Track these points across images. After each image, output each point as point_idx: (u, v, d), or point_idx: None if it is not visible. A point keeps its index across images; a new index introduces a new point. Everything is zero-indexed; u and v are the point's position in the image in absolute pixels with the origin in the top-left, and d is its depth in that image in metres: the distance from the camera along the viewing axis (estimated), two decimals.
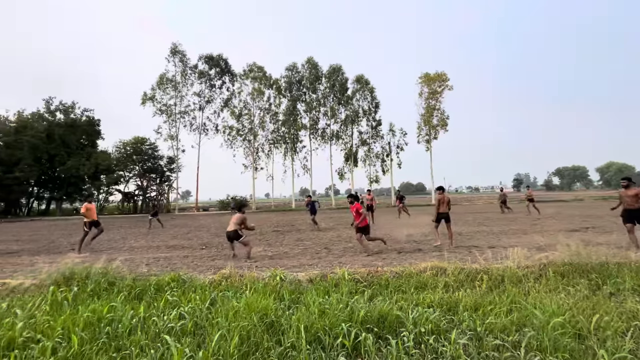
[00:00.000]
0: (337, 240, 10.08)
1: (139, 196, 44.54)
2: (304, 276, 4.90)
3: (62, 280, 4.60)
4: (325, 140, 40.67)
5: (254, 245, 8.49)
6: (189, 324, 3.14)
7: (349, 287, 4.26)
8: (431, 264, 4.99)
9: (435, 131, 39.09)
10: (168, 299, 3.77)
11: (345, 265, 5.76)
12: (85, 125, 41.76)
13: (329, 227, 14.10)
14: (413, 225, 13.59)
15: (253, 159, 39.69)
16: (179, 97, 38.52)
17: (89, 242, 9.82)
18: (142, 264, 7.01)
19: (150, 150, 43.91)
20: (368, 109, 40.71)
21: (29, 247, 10.69)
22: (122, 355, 2.63)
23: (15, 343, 2.77)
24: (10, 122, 39.15)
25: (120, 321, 3.16)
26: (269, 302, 3.58)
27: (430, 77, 38.71)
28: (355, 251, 8.05)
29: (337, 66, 40.25)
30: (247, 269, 5.67)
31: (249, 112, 39.62)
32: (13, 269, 6.97)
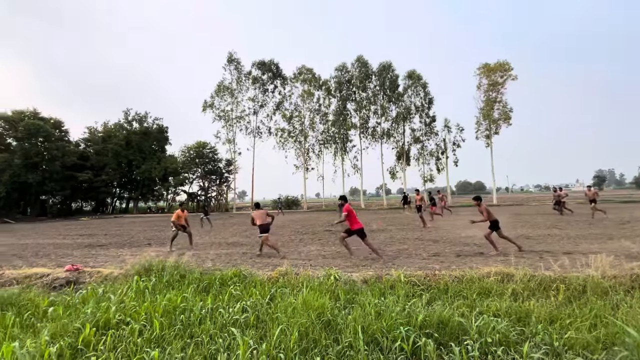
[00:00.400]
0: (389, 242, 9.86)
1: (201, 196, 48.33)
2: (358, 277, 4.89)
3: (142, 271, 5.20)
4: (375, 139, 39.95)
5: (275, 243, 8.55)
6: (251, 317, 3.34)
7: (406, 290, 4.15)
8: (496, 269, 4.64)
9: (496, 125, 36.07)
10: (232, 293, 4.05)
11: (400, 267, 5.63)
12: (156, 133, 46.54)
13: (381, 229, 13.85)
14: (472, 227, 12.72)
15: (304, 159, 40.57)
16: (235, 103, 40.96)
17: (190, 247, 9.75)
18: (207, 259, 7.60)
19: (210, 153, 47.40)
20: (421, 105, 39.03)
21: (115, 241, 12.25)
22: (195, 342, 2.90)
23: (110, 323, 3.21)
24: (98, 132, 45.32)
25: (192, 311, 3.48)
26: (325, 301, 3.65)
27: (490, 68, 35.76)
28: (409, 253, 7.81)
29: (387, 63, 39.27)
30: (302, 267, 5.83)
31: (300, 114, 40.59)
32: (104, 260, 8.05)
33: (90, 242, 12.03)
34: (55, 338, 2.87)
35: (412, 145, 39.77)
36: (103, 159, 41.35)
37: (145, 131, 45.30)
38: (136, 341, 2.87)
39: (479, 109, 37.01)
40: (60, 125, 40.20)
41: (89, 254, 9.14)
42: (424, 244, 9.09)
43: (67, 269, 6.03)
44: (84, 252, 9.67)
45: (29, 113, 37.75)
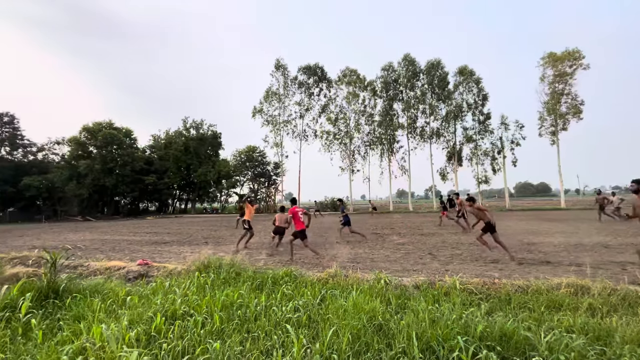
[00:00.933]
0: (442, 246, 9.41)
1: (251, 197, 50.65)
2: (410, 281, 4.74)
3: (202, 267, 5.59)
4: (424, 139, 38.47)
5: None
6: (303, 317, 3.41)
7: (462, 298, 3.93)
8: (568, 280, 4.19)
9: (564, 121, 32.58)
10: (284, 292, 4.18)
11: (454, 273, 5.35)
12: (210, 138, 49.89)
13: (431, 232, 13.28)
14: (536, 233, 11.62)
15: (349, 161, 40.48)
16: (282, 107, 42.34)
17: (245, 247, 10.04)
18: (259, 258, 7.94)
19: (259, 157, 49.56)
20: (474, 102, 36.73)
21: (176, 239, 13.36)
22: (252, 337, 3.05)
23: (177, 314, 3.50)
24: (161, 139, 49.90)
25: (248, 307, 3.66)
26: (376, 305, 3.60)
27: (557, 57, 32.37)
28: (464, 259, 7.37)
29: (435, 61, 37.68)
30: (350, 270, 5.82)
31: (345, 116, 40.61)
32: (168, 256, 8.82)
33: (155, 240, 13.26)
34: (133, 324, 3.22)
35: (465, 144, 37.58)
36: (165, 164, 45.43)
37: (201, 137, 48.78)
38: (199, 332, 3.10)
39: (543, 103, 33.78)
40: (130, 134, 44.99)
41: (155, 250, 10.08)
42: (479, 250, 8.52)
43: (138, 263, 6.72)
44: (151, 248, 10.69)
45: (106, 124, 42.85)
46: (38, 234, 17.68)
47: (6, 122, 39.84)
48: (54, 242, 12.96)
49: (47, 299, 4.03)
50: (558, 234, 11.22)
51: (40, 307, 3.85)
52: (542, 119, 33.82)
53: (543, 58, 33.56)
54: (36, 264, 7.29)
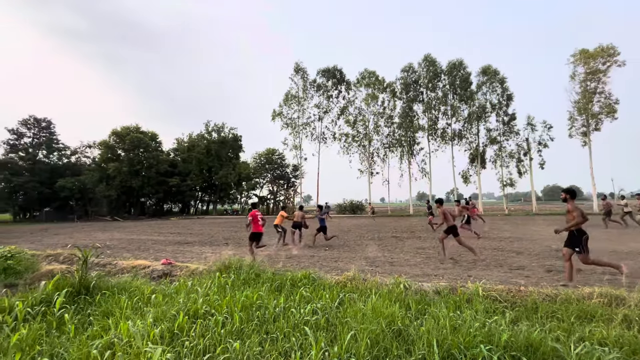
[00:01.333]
0: (464, 251, 9.14)
1: (271, 199, 51.24)
2: (430, 287, 4.64)
3: (223, 268, 5.71)
4: (445, 141, 37.62)
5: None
6: (321, 320, 3.42)
7: (485, 305, 3.81)
8: (600, 290, 3.96)
9: (596, 121, 30.94)
10: (303, 294, 4.20)
11: (477, 279, 5.19)
12: (231, 141, 50.97)
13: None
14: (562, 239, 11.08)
15: (368, 163, 40.18)
16: (301, 110, 42.68)
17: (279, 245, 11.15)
18: (278, 260, 8.01)
19: (279, 159, 50.11)
20: (498, 103, 35.55)
21: (198, 240, 13.72)
22: (271, 338, 3.08)
23: (199, 313, 3.60)
24: (184, 142, 51.49)
25: (267, 308, 3.70)
26: (395, 310, 3.55)
27: (589, 54, 30.82)
28: (487, 264, 7.14)
29: (457, 61, 36.80)
30: (369, 273, 5.76)
31: (364, 118, 40.39)
32: (190, 256, 9.08)
33: (178, 240, 13.67)
34: (157, 321, 3.33)
35: (488, 146, 36.42)
36: (188, 166, 46.82)
37: (223, 140, 49.92)
38: (219, 332, 3.16)
39: (573, 102, 32.22)
40: (155, 138, 46.73)
41: (178, 250, 10.39)
42: (504, 255, 8.23)
43: (162, 263, 6.96)
44: (174, 248, 11.03)
45: (133, 128, 44.72)
46: (71, 233, 18.66)
47: (44, 127, 42.41)
48: (85, 241, 13.63)
49: (79, 295, 4.25)
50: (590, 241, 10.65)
51: (72, 303, 4.06)
52: (573, 119, 32.28)
53: (574, 55, 32.05)
54: (69, 261, 7.71)
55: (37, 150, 41.89)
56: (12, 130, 40.41)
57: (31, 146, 41.56)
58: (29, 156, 40.68)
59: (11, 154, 39.96)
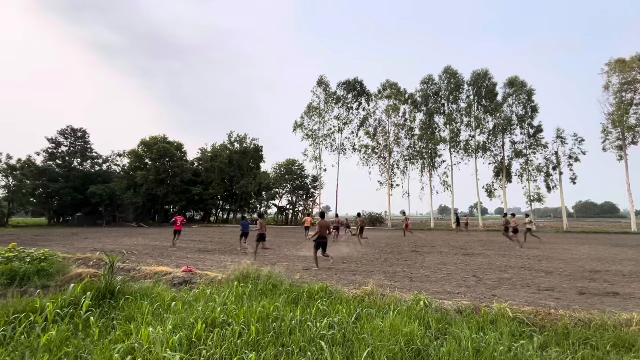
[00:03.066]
0: (488, 269, 8.78)
1: (290, 210, 51.51)
2: (452, 305, 4.47)
3: (241, 277, 5.76)
4: (469, 154, 36.69)
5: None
6: (337, 335, 3.36)
7: (511, 328, 3.62)
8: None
9: (633, 134, 29.27)
10: (319, 308, 4.16)
11: (502, 299, 4.95)
12: (253, 152, 52.03)
13: (477, 252, 12.46)
14: (600, 260, 10.41)
15: (388, 176, 39.73)
16: (322, 122, 43.09)
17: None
18: (296, 271, 7.99)
19: (298, 170, 50.52)
20: (524, 115, 34.44)
21: (218, 248, 13.95)
22: (286, 351, 3.06)
23: (216, 322, 3.63)
24: (207, 152, 53.08)
25: (284, 321, 3.69)
26: (414, 328, 3.44)
27: (625, 63, 29.39)
28: (514, 284, 6.80)
29: (482, 71, 36.13)
30: (388, 289, 5.63)
31: (384, 130, 40.19)
32: (210, 264, 9.23)
33: (200, 248, 13.96)
34: (176, 329, 3.39)
35: (514, 159, 35.17)
36: (211, 176, 48.09)
37: (244, 151, 51.06)
38: (236, 342, 3.18)
39: (607, 114, 30.71)
40: (181, 148, 48.48)
41: (199, 258, 10.60)
42: (532, 275, 7.82)
43: (183, 270, 7.11)
44: (195, 256, 11.26)
45: (160, 138, 46.65)
46: (99, 238, 19.50)
47: (79, 136, 45.08)
48: (112, 246, 14.18)
49: (104, 299, 4.41)
50: (628, 262, 9.94)
51: (98, 306, 4.21)
52: (607, 132, 30.69)
53: (608, 64, 30.65)
54: (97, 266, 8.03)
55: (72, 159, 44.48)
56: (51, 139, 43.25)
57: (67, 154, 44.21)
58: (65, 164, 43.27)
59: (50, 161, 42.66)
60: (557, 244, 15.97)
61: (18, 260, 6.13)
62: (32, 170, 39.96)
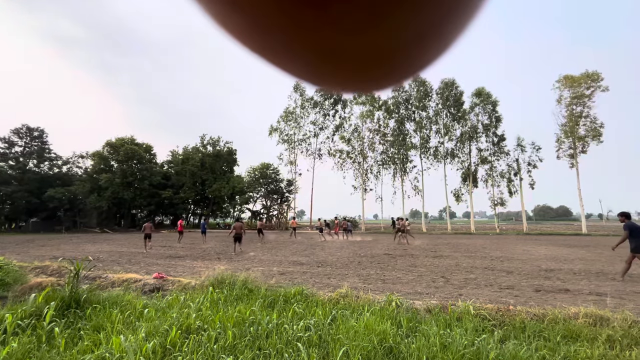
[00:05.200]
0: (455, 270, 9.23)
1: (264, 214, 50.91)
2: (421, 305, 4.70)
3: (216, 283, 5.69)
4: (438, 160, 38.24)
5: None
6: (314, 336, 3.45)
7: (474, 324, 3.88)
8: (586, 311, 4.07)
9: (583, 144, 31.91)
10: (295, 311, 4.22)
11: (467, 298, 5.26)
12: (226, 155, 51.00)
13: (445, 255, 13.03)
14: (554, 259, 11.26)
15: (362, 180, 40.46)
16: (297, 127, 43.18)
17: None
18: (271, 276, 7.98)
19: (273, 174, 50.13)
20: (489, 124, 36.52)
21: (189, 254, 13.55)
22: (263, 354, 3.10)
23: (191, 328, 3.59)
24: (179, 155, 51.36)
25: (260, 324, 3.72)
26: (386, 327, 3.60)
27: (573, 79, 32.16)
28: (478, 283, 7.22)
29: (449, 80, 37.91)
30: (362, 290, 5.80)
31: (359, 135, 40.96)
32: (182, 270, 8.97)
33: (170, 254, 13.49)
34: (149, 336, 3.33)
35: (480, 166, 37.11)
36: (181, 179, 46.54)
37: (217, 154, 49.96)
38: (212, 347, 3.17)
39: (560, 125, 33.28)
40: (150, 150, 46.57)
41: (170, 264, 10.26)
42: (495, 275, 8.32)
43: (154, 277, 6.89)
44: (166, 262, 10.89)
45: (128, 139, 44.57)
46: (58, 245, 18.26)
47: (36, 136, 42.00)
48: (74, 253, 13.36)
49: (69, 309, 4.20)
50: (578, 261, 10.82)
51: (62, 316, 4.01)
52: (560, 142, 33.21)
53: (559, 80, 33.34)
54: (57, 274, 7.57)
55: (27, 160, 41.30)
56: (3, 138, 39.94)
57: (22, 155, 41.00)
58: (19, 165, 40.06)
59: (1, 162, 39.34)
60: (518, 245, 17.04)
61: None
62: None
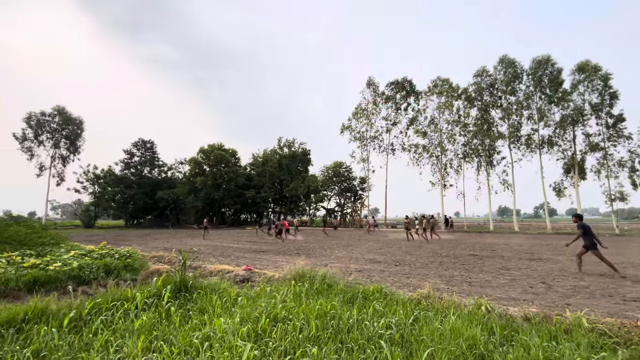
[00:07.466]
0: (559, 275, 8.01)
1: (338, 212, 51.79)
2: (517, 312, 4.21)
3: (297, 277, 6.02)
4: (531, 150, 33.49)
5: None
6: (396, 335, 3.39)
7: (589, 339, 3.31)
8: None
9: None
10: (375, 308, 4.21)
11: (577, 308, 4.53)
12: (301, 155, 53.38)
13: (545, 257, 11.41)
14: None
15: (441, 175, 37.95)
16: (369, 124, 42.73)
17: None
18: (348, 272, 8.09)
19: (346, 172, 50.67)
20: (599, 103, 30.46)
21: (272, 249, 14.59)
22: (346, 348, 3.17)
23: (278, 317, 3.88)
24: (259, 157, 55.68)
25: (341, 319, 3.81)
26: (476, 332, 3.34)
27: None
28: (592, 292, 6.13)
29: (544, 57, 32.63)
30: (445, 292, 5.47)
31: (436, 127, 38.52)
32: (266, 264, 9.73)
33: (255, 248, 14.74)
34: (243, 321, 3.70)
35: (588, 154, 31.31)
36: (262, 180, 50.38)
37: (293, 155, 52.62)
38: (297, 336, 3.37)
39: None
40: (235, 154, 51.53)
41: (256, 258, 11.22)
42: (615, 283, 6.96)
43: (244, 269, 7.62)
44: (252, 255, 11.94)
45: (217, 145, 50.11)
46: (167, 238, 21.56)
47: (148, 147, 50.38)
48: (178, 246, 15.61)
49: (179, 292, 4.94)
50: None
51: (175, 298, 4.74)
52: None
53: None
54: (169, 262, 8.95)
55: (143, 167, 49.85)
56: (126, 151, 48.98)
57: (139, 164, 49.68)
58: (137, 172, 48.66)
59: (125, 170, 48.30)
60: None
61: (109, 256, 7.12)
62: (112, 178, 45.63)
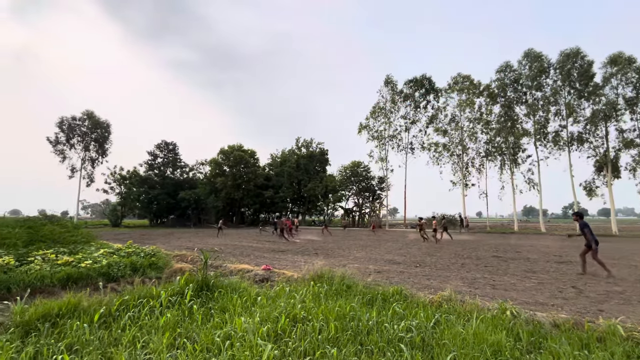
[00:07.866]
0: (591, 279, 7.62)
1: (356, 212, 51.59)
2: (546, 318, 4.04)
3: (316, 277, 6.03)
4: (559, 147, 32.04)
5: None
6: (416, 338, 3.33)
7: (625, 349, 3.13)
8: None
9: None
10: (395, 310, 4.15)
11: (612, 315, 4.29)
12: (319, 155, 53.56)
13: (576, 261, 10.88)
14: None
15: (462, 174, 37.00)
16: (387, 122, 42.23)
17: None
18: (367, 273, 8.03)
19: (364, 172, 50.40)
20: (635, 97, 28.69)
21: (290, 249, 14.70)
22: (366, 350, 3.14)
23: (297, 318, 3.90)
24: (277, 157, 56.28)
25: (360, 320, 3.78)
26: (501, 338, 3.23)
27: None
28: (627, 299, 5.80)
29: (573, 50, 31.12)
30: (467, 295, 5.32)
31: (457, 125, 37.58)
32: (285, 263, 9.81)
33: (274, 248, 14.90)
34: (263, 321, 3.75)
35: (622, 151, 29.61)
36: (280, 180, 50.93)
37: (310, 155, 52.90)
38: (317, 337, 3.38)
39: None
40: (254, 154, 52.33)
41: (274, 257, 11.34)
42: None
43: (263, 268, 7.72)
44: (271, 255, 12.07)
45: (237, 147, 51.04)
46: (189, 238, 22.16)
47: (170, 149, 51.98)
48: (200, 245, 16.01)
49: (201, 290, 5.06)
50: None
51: (197, 296, 4.86)
52: None
53: None
54: (191, 261, 9.19)
55: (166, 168, 51.52)
56: (150, 152, 50.75)
57: (162, 165, 51.36)
58: (161, 173, 50.32)
59: (149, 171, 50.08)
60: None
61: (135, 254, 7.41)
62: (137, 179, 47.42)
